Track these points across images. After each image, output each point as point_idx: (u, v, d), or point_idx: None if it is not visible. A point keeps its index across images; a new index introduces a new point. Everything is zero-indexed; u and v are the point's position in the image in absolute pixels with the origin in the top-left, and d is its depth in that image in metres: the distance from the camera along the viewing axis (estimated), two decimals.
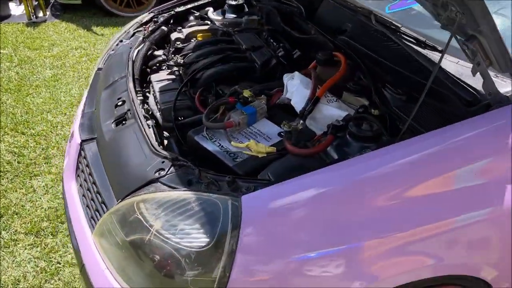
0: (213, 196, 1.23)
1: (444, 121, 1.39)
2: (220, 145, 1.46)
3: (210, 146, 1.46)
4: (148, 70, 2.25)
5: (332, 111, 1.52)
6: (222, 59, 1.97)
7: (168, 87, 2.01)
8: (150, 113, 1.90)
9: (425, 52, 1.57)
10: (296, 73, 1.69)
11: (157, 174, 1.40)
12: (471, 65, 1.48)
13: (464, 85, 1.39)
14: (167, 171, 1.40)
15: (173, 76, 2.09)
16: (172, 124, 1.82)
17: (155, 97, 2.03)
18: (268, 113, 1.62)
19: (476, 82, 1.40)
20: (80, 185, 1.71)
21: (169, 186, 1.34)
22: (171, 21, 2.51)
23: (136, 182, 1.41)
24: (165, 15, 2.53)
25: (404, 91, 1.51)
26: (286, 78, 1.70)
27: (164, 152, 1.47)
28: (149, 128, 1.66)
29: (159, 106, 1.93)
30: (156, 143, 1.53)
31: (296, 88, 1.61)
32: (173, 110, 1.83)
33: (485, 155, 1.24)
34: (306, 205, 1.20)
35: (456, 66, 1.48)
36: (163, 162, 1.43)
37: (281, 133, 1.51)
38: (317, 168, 1.31)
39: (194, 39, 2.30)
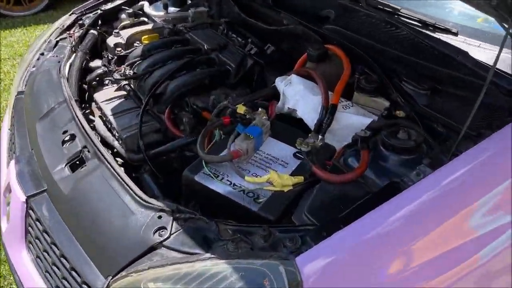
0: (257, 263, 0.93)
1: (484, 114, 1.22)
2: (231, 183, 1.14)
3: (219, 187, 1.14)
4: (86, 86, 1.83)
5: (353, 119, 1.27)
6: (185, 65, 1.62)
7: (122, 108, 1.63)
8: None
9: (438, 35, 1.38)
10: (294, 76, 1.40)
11: (157, 235, 1.06)
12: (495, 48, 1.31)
13: (501, 72, 1.21)
14: (171, 230, 1.07)
15: (124, 93, 1.70)
16: (142, 156, 1.46)
17: (106, 122, 1.64)
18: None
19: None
20: (38, 257, 1.29)
21: (181, 252, 1.02)
22: (99, 22, 2.07)
23: (130, 251, 1.07)
24: (91, 15, 2.08)
25: (427, 85, 1.31)
26: (281, 83, 1.42)
27: (158, 203, 1.13)
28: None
29: (117, 134, 1.55)
30: (141, 191, 1.18)
31: (301, 96, 1.33)
32: (141, 138, 1.46)
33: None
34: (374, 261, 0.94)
35: (481, 51, 1.30)
36: (160, 217, 1.10)
37: (297, 154, 1.23)
38: (360, 195, 1.08)
39: (138, 42, 1.90)
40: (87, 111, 1.73)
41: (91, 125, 1.61)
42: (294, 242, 0.97)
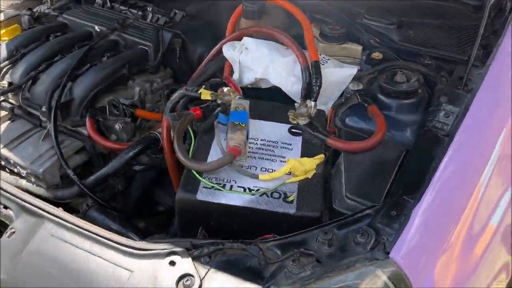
0: (345, 278, 0.73)
1: (460, 37, 1.16)
2: (244, 189, 0.88)
3: (233, 199, 0.87)
4: None
5: (336, 74, 1.08)
6: (85, 58, 1.23)
7: (14, 134, 1.20)
8: None
9: None
10: (248, 39, 1.14)
11: None
12: None
13: None
14: (199, 275, 0.78)
15: (4, 113, 1.24)
16: (76, 189, 1.09)
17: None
18: None
19: None
20: None
21: None
22: None
23: None
24: None
25: (393, 18, 1.19)
26: (232, 51, 1.14)
27: (158, 245, 0.83)
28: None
29: (24, 171, 1.13)
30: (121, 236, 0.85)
31: (270, 61, 1.09)
32: (66, 165, 1.08)
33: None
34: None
35: None
36: (172, 263, 0.81)
37: (292, 129, 1.02)
38: (394, 156, 0.94)
39: None
40: None
41: None
42: (366, 235, 0.78)
